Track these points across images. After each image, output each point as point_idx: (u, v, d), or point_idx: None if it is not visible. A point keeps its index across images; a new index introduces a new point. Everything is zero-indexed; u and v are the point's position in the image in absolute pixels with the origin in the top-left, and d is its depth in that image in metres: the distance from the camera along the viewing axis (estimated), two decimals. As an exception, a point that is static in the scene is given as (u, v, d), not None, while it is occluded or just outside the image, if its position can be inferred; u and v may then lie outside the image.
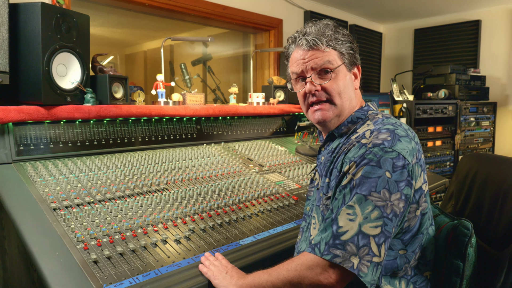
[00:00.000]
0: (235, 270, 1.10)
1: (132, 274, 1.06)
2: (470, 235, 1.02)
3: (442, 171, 3.48)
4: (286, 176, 1.97)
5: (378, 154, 0.95)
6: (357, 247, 0.88)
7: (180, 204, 1.48)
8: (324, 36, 1.09)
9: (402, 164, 0.94)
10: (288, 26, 3.52)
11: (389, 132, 1.00)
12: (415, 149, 1.00)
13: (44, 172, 1.48)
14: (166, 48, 3.34)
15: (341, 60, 1.11)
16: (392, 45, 4.85)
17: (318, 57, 1.09)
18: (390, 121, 1.06)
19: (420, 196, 1.01)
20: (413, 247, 1.03)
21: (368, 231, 0.89)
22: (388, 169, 0.93)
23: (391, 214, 0.91)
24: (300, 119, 2.74)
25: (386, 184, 0.92)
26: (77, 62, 1.65)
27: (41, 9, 1.47)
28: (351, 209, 0.91)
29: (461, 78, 3.66)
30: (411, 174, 0.96)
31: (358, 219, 0.90)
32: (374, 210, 0.90)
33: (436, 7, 4.07)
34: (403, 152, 0.96)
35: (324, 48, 1.09)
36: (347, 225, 0.90)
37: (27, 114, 1.51)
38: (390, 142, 0.97)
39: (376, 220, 0.90)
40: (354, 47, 1.14)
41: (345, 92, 1.11)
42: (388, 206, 0.91)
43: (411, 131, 1.05)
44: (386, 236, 0.91)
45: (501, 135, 4.04)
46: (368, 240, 0.89)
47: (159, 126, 2.00)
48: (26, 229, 1.14)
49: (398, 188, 0.93)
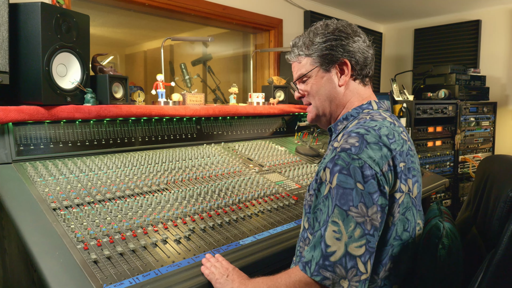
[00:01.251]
0: (236, 272, 1.10)
1: (132, 274, 1.06)
2: (440, 236, 1.00)
3: (442, 171, 3.48)
4: (286, 176, 1.97)
5: (346, 160, 0.95)
6: (345, 270, 0.91)
7: (180, 204, 1.48)
8: (297, 48, 1.20)
9: (371, 173, 0.94)
10: (288, 26, 3.52)
11: (358, 137, 0.99)
12: (387, 156, 0.98)
13: (44, 172, 1.48)
14: (166, 48, 3.34)
15: (314, 64, 1.16)
16: (392, 45, 4.85)
17: (294, 69, 1.23)
18: (369, 124, 1.03)
19: (392, 204, 0.99)
20: (378, 258, 1.02)
21: (354, 252, 0.92)
22: (359, 180, 0.93)
23: (372, 230, 0.93)
24: (300, 119, 2.74)
25: (361, 198, 0.93)
26: (77, 62, 1.65)
27: (41, 9, 1.47)
28: (336, 226, 0.93)
29: (461, 78, 3.66)
30: (382, 183, 0.95)
31: (344, 238, 0.92)
32: (356, 228, 0.92)
33: (436, 7, 4.07)
34: (369, 161, 0.95)
35: (297, 59, 1.20)
36: (334, 244, 0.92)
37: (27, 114, 1.51)
38: (357, 148, 0.96)
39: (360, 239, 0.92)
40: (334, 45, 1.13)
41: (321, 93, 1.17)
42: (368, 222, 0.93)
43: (389, 136, 1.01)
44: (371, 253, 0.94)
45: (501, 135, 4.04)
46: (355, 261, 0.92)
47: (159, 126, 2.00)
48: (26, 229, 1.14)
49: (373, 201, 0.94)
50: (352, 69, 1.15)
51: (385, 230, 1.01)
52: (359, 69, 1.15)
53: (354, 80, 1.17)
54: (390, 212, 1.00)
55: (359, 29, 1.19)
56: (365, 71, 1.17)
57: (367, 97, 1.18)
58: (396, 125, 1.09)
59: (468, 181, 3.62)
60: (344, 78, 1.15)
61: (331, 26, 1.15)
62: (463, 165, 3.61)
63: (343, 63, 1.14)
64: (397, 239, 1.03)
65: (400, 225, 1.03)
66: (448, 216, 1.17)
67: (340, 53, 1.13)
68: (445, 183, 2.48)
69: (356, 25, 1.20)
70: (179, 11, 2.78)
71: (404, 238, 1.04)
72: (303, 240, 1.13)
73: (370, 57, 1.17)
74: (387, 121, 1.07)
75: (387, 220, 1.00)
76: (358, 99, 1.17)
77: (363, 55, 1.15)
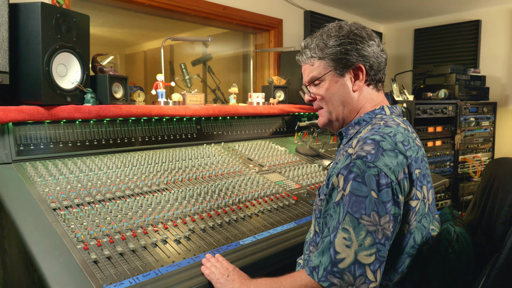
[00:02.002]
0: (236, 272, 1.10)
1: (132, 274, 1.06)
2: (451, 240, 0.99)
3: (442, 171, 3.48)
4: (286, 176, 1.97)
5: (361, 168, 0.94)
6: (353, 277, 0.90)
7: (180, 204, 1.48)
8: (310, 50, 1.15)
9: (386, 182, 0.93)
10: (288, 26, 3.52)
11: (373, 144, 0.97)
12: (403, 163, 0.96)
13: (44, 172, 1.48)
14: (166, 48, 3.34)
15: (328, 68, 1.13)
16: (392, 45, 4.85)
17: (306, 72, 1.19)
18: (384, 130, 1.02)
19: (408, 212, 0.98)
20: (394, 266, 1.01)
21: (363, 260, 0.90)
22: (373, 188, 0.92)
23: (383, 239, 0.92)
24: (300, 119, 2.74)
25: (374, 206, 0.92)
26: (77, 62, 1.65)
27: (41, 9, 1.47)
28: (346, 233, 0.92)
29: (461, 78, 3.66)
30: (396, 192, 0.94)
31: (354, 246, 0.91)
32: (367, 236, 0.91)
33: (436, 7, 4.07)
34: (385, 169, 0.93)
35: (309, 61, 1.16)
36: (344, 251, 0.91)
37: (27, 114, 1.51)
38: (373, 156, 0.94)
39: (370, 248, 0.91)
40: (349, 49, 1.10)
41: (335, 98, 1.14)
42: (379, 231, 0.91)
43: (404, 143, 1.00)
44: (381, 262, 0.92)
45: (501, 135, 4.03)
46: (364, 269, 0.90)
47: (159, 126, 2.00)
48: (26, 229, 1.14)
49: (386, 210, 0.92)
50: (366, 74, 1.12)
51: (401, 238, 1.00)
52: (373, 74, 1.13)
53: (368, 85, 1.14)
54: (405, 220, 0.98)
55: (373, 33, 1.15)
56: (378, 76, 1.14)
57: (379, 102, 1.15)
58: (410, 131, 1.07)
59: (468, 181, 3.62)
60: (359, 83, 1.12)
61: (345, 28, 1.12)
62: (463, 165, 3.61)
63: (358, 68, 1.11)
64: (415, 247, 1.02)
65: (418, 233, 1.02)
66: (460, 221, 1.16)
67: (355, 58, 1.10)
68: (445, 183, 2.48)
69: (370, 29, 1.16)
70: (179, 11, 2.78)
71: (421, 245, 1.03)
72: (314, 244, 1.12)
73: (384, 62, 1.14)
74: (401, 127, 1.05)
75: (402, 228, 0.99)
76: (371, 104, 1.14)
77: (377, 60, 1.12)
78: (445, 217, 1.15)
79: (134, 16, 3.08)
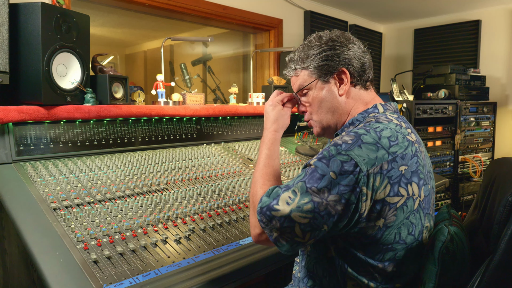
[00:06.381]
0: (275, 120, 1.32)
1: (132, 274, 1.06)
2: (444, 240, 0.98)
3: (442, 171, 3.48)
4: (286, 176, 1.97)
5: (331, 153, 0.95)
6: (280, 225, 0.94)
7: (180, 204, 1.48)
8: (294, 62, 1.20)
9: (351, 170, 0.92)
10: (288, 26, 3.52)
11: (354, 136, 0.98)
12: (382, 159, 0.95)
13: (44, 172, 1.48)
14: (166, 48, 3.35)
15: (313, 76, 1.16)
16: (392, 45, 4.85)
17: (293, 83, 1.23)
18: (371, 126, 1.02)
19: (382, 207, 0.96)
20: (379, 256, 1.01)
21: (295, 218, 0.93)
22: (334, 170, 0.93)
23: (324, 212, 0.92)
24: (300, 119, 2.74)
25: (328, 184, 0.92)
26: (77, 62, 1.65)
27: (41, 9, 1.47)
28: (293, 194, 0.95)
29: (461, 78, 3.66)
30: (361, 184, 0.93)
31: (292, 206, 0.93)
32: (308, 203, 0.92)
33: (436, 7, 4.07)
34: (358, 158, 0.93)
35: (294, 73, 1.20)
36: (282, 205, 0.94)
37: (27, 114, 1.51)
38: (349, 145, 0.95)
39: (307, 213, 0.92)
40: (329, 54, 1.12)
41: (323, 105, 1.16)
42: (323, 204, 0.92)
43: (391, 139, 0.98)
44: (313, 228, 0.93)
45: (501, 135, 4.04)
46: (293, 224, 0.93)
47: (159, 126, 2.00)
48: (26, 229, 1.14)
49: (339, 191, 0.92)
50: (351, 77, 1.13)
51: (376, 231, 0.99)
52: (358, 76, 1.14)
53: (354, 86, 1.15)
54: (380, 215, 0.97)
55: (352, 36, 1.18)
56: (364, 76, 1.15)
57: (371, 100, 1.16)
58: (403, 127, 1.06)
59: (468, 181, 3.62)
60: (344, 87, 1.13)
61: (324, 37, 1.15)
62: (463, 165, 3.61)
63: (341, 72, 1.12)
64: (401, 243, 1.01)
65: (404, 229, 1.01)
66: (456, 220, 1.14)
67: (336, 63, 1.12)
68: (445, 183, 2.48)
69: (350, 33, 1.19)
70: (179, 11, 2.78)
71: (408, 241, 1.02)
72: None
73: (367, 63, 1.16)
74: (392, 123, 1.05)
75: (376, 222, 0.97)
76: (362, 104, 1.15)
77: (360, 61, 1.14)
78: (442, 216, 1.15)
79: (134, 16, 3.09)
